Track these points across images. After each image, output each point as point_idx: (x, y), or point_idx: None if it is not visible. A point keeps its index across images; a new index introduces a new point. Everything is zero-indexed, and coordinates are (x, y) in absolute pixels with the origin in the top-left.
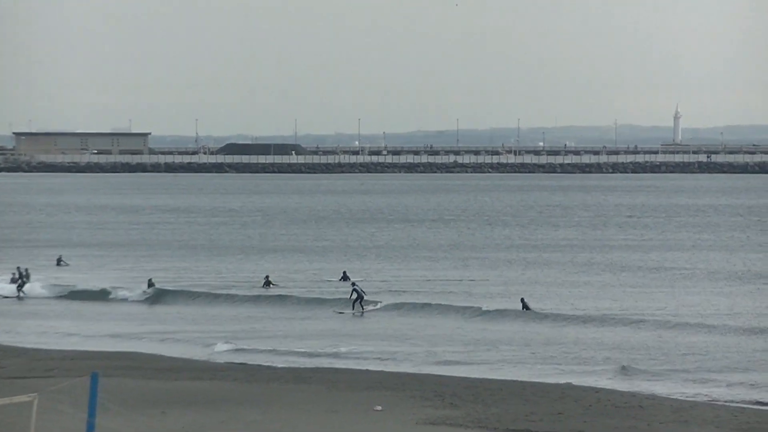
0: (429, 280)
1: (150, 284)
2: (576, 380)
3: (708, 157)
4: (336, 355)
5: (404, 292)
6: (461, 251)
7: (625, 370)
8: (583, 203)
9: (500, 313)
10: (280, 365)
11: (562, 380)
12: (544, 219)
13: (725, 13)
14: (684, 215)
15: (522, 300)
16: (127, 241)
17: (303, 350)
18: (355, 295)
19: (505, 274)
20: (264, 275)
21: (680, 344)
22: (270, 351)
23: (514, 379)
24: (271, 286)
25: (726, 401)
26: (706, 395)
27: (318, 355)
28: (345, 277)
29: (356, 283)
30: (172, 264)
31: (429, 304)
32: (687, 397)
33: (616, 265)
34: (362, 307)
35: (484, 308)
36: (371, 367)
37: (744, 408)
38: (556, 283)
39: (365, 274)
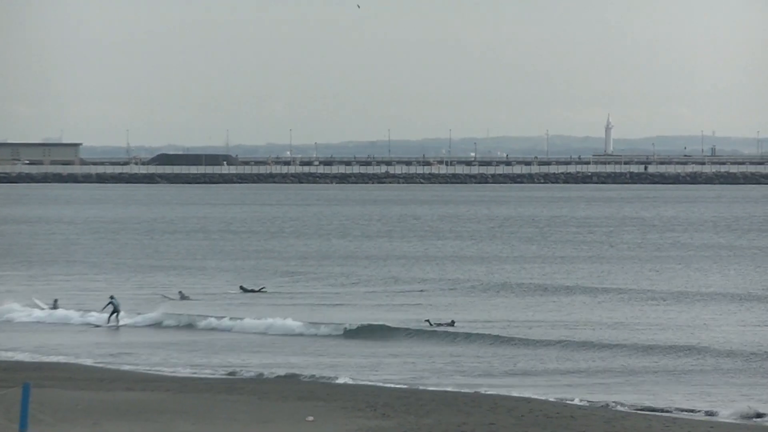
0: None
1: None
2: (508, 391)
3: (645, 167)
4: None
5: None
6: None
7: (557, 381)
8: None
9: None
10: (211, 375)
11: (495, 391)
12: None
13: (657, 25)
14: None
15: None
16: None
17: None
18: (110, 308)
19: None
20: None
21: (608, 355)
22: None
23: (447, 389)
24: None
25: (658, 412)
26: (638, 406)
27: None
28: (183, 297)
29: (114, 297)
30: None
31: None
32: (619, 407)
33: (548, 277)
34: (117, 320)
35: (433, 321)
36: (304, 378)
37: (675, 418)
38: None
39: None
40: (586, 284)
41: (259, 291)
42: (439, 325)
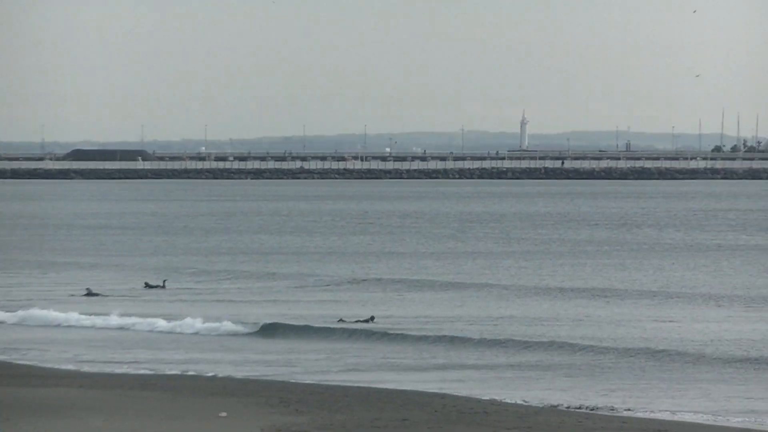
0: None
1: None
2: (422, 386)
3: (561, 163)
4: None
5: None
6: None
7: (471, 376)
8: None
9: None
10: (123, 372)
11: (408, 386)
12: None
13: (566, 25)
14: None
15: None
16: None
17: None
18: None
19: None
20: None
21: (523, 350)
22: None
23: (361, 385)
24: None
25: (571, 407)
26: (551, 401)
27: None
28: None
29: None
30: None
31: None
32: (532, 402)
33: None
34: None
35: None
36: (218, 373)
37: (589, 414)
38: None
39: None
40: (503, 280)
41: (163, 286)
42: (358, 321)
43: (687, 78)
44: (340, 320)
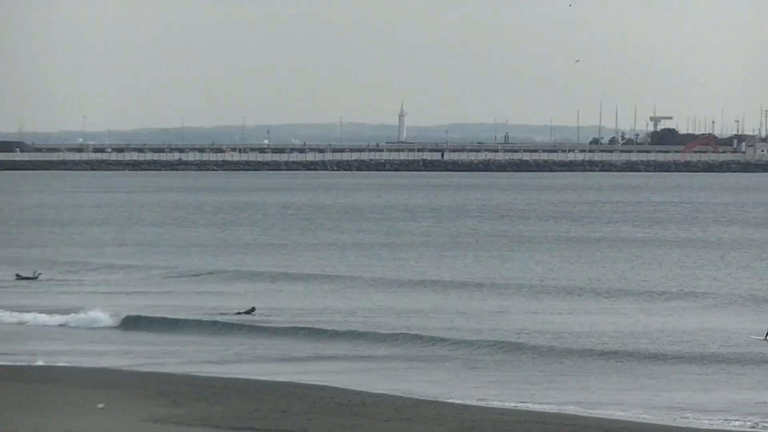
0: None
1: None
2: (301, 378)
3: (441, 155)
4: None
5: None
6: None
7: (350, 368)
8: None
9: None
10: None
11: (287, 378)
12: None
13: (443, 18)
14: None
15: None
16: None
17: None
18: None
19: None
20: None
21: (402, 343)
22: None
23: (239, 377)
24: None
25: (449, 399)
26: (428, 393)
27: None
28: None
29: None
30: None
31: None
32: (410, 395)
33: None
34: None
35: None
36: (96, 364)
37: (467, 405)
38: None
39: None
40: (383, 272)
41: (34, 278)
42: (239, 313)
43: (566, 70)
44: (222, 312)
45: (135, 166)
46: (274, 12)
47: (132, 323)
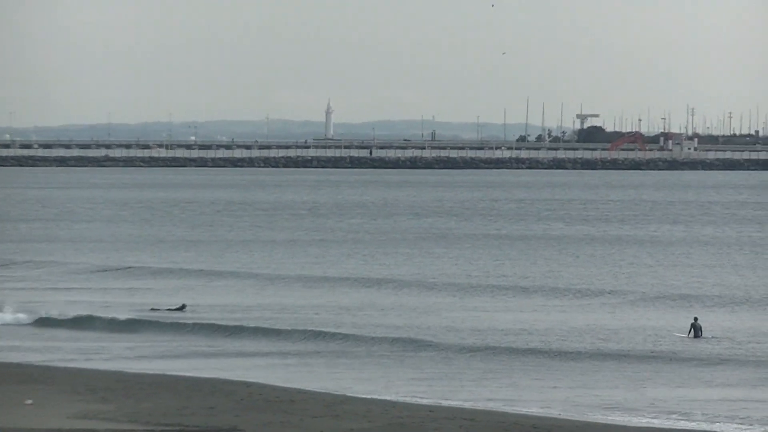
0: None
1: None
2: (228, 374)
3: (369, 152)
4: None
5: None
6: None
7: (277, 364)
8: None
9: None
10: None
11: (215, 375)
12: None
13: (370, 14)
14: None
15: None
16: None
17: None
18: None
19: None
20: None
21: (330, 339)
22: None
23: (168, 373)
24: None
25: (378, 396)
26: (358, 390)
27: None
28: None
29: None
30: None
31: None
32: (342, 391)
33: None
34: None
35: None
36: (22, 360)
37: (396, 402)
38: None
39: None
40: (311, 269)
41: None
42: (169, 309)
43: (492, 68)
44: (152, 308)
45: (62, 162)
46: (200, 9)
47: (48, 321)
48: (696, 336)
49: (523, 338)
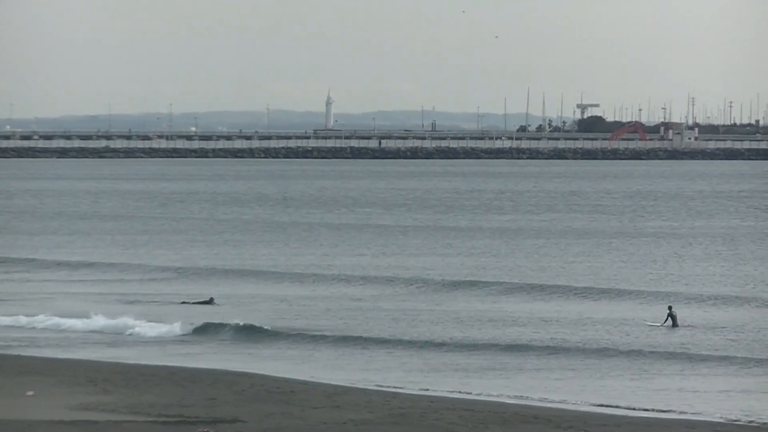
0: None
1: None
2: (229, 366)
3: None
4: None
5: None
6: None
7: (280, 356)
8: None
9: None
10: None
11: (216, 366)
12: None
13: (370, 3)
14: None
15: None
16: None
17: None
18: None
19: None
20: None
21: (326, 329)
22: None
23: (168, 364)
24: None
25: (379, 386)
26: (358, 381)
27: None
28: None
29: None
30: None
31: None
32: (340, 382)
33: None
34: None
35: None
36: (22, 353)
37: (396, 393)
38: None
39: None
40: (283, 266)
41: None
42: (197, 303)
43: (493, 57)
44: (183, 302)
45: (62, 153)
46: (201, 1)
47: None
48: (674, 325)
49: (519, 332)
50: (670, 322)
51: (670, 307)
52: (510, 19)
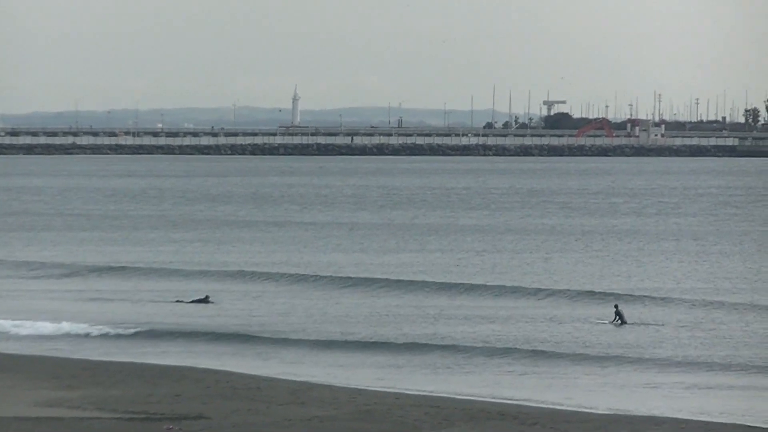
0: None
1: None
2: (195, 362)
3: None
4: None
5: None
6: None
7: (246, 352)
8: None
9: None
10: None
11: (182, 362)
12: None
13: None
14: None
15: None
16: None
17: None
18: None
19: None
20: None
21: (289, 330)
22: None
23: (135, 361)
24: None
25: (344, 383)
26: (323, 377)
27: None
28: None
29: None
30: None
31: None
32: (305, 378)
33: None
34: None
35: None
36: None
37: (362, 390)
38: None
39: None
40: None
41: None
42: (194, 301)
43: (459, 54)
44: (177, 300)
45: (28, 150)
46: (170, 3)
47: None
48: (622, 322)
49: (484, 330)
50: (618, 320)
51: (616, 306)
52: (476, 16)
